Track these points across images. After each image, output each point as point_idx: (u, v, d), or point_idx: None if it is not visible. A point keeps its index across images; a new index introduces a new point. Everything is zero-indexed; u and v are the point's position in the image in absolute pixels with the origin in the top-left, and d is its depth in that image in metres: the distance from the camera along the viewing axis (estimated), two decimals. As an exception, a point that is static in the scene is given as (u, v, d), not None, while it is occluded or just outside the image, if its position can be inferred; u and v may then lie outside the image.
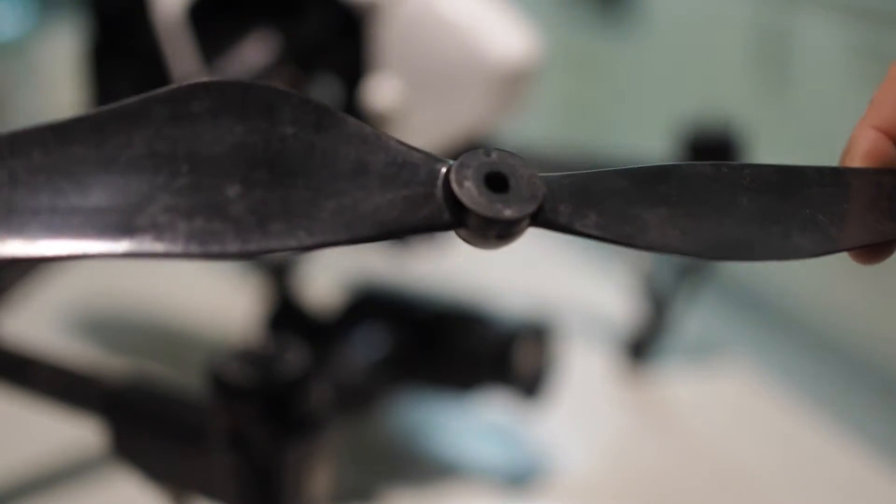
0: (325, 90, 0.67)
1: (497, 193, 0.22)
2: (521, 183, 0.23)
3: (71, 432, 0.61)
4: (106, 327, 0.88)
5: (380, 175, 0.22)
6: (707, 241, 0.24)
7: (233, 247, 0.20)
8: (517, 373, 0.67)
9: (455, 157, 0.23)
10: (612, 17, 1.46)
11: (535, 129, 1.35)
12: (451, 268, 0.95)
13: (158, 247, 0.19)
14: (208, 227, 0.20)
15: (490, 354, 0.67)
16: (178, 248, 0.20)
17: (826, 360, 0.89)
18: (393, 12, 0.63)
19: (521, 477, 0.68)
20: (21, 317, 0.72)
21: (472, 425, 0.74)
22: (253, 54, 0.65)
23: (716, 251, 0.24)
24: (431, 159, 0.23)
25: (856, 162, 0.27)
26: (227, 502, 0.49)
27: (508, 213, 0.22)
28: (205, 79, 0.22)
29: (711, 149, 0.79)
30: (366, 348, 0.68)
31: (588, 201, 0.23)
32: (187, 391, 0.52)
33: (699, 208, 0.24)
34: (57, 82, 1.34)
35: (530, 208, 0.22)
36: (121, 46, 0.73)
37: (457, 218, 0.22)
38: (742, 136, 0.82)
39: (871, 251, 0.26)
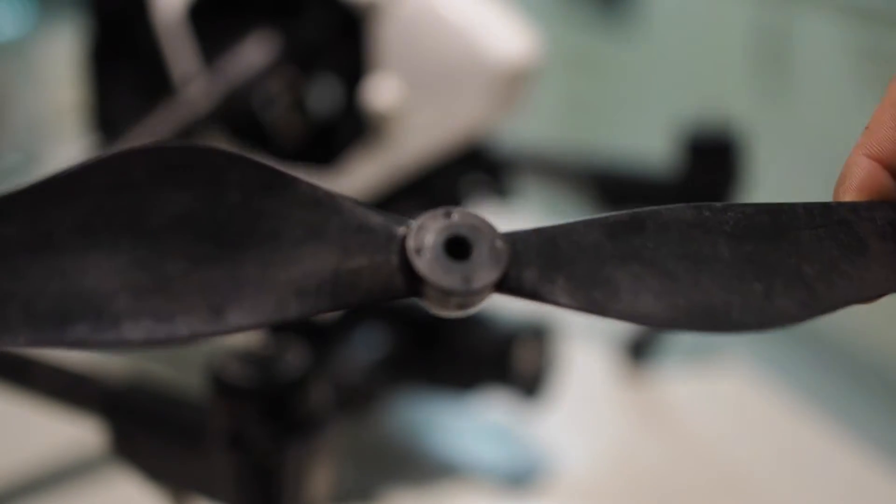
0: (325, 90, 0.67)
1: (457, 261, 0.21)
2: (483, 248, 0.21)
3: (71, 432, 0.61)
4: (106, 327, 0.88)
5: (334, 241, 0.21)
6: (681, 307, 0.22)
7: (182, 331, 0.19)
8: (517, 373, 0.67)
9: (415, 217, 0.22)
10: (612, 17, 1.46)
11: (535, 129, 1.35)
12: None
13: (97, 338, 0.18)
14: (153, 311, 0.18)
15: (490, 354, 0.67)
16: (119, 336, 0.18)
17: (825, 360, 0.89)
18: (393, 12, 0.63)
19: (521, 477, 0.68)
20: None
21: (472, 425, 0.74)
22: (253, 54, 0.65)
23: (690, 321, 0.22)
24: (389, 221, 0.21)
25: (849, 194, 0.25)
26: (227, 502, 0.49)
27: (468, 285, 0.21)
28: (145, 144, 0.20)
29: (711, 149, 0.79)
30: (366, 348, 0.68)
31: (556, 262, 0.22)
32: (187, 391, 0.52)
33: (675, 264, 0.23)
34: (57, 82, 1.34)
35: (492, 277, 0.21)
36: (121, 47, 0.73)
37: (414, 288, 0.21)
38: (742, 136, 0.81)
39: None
